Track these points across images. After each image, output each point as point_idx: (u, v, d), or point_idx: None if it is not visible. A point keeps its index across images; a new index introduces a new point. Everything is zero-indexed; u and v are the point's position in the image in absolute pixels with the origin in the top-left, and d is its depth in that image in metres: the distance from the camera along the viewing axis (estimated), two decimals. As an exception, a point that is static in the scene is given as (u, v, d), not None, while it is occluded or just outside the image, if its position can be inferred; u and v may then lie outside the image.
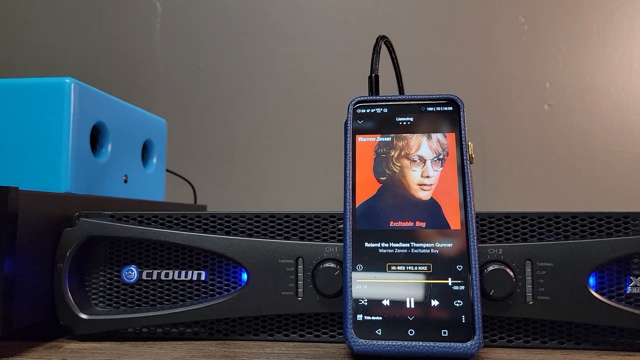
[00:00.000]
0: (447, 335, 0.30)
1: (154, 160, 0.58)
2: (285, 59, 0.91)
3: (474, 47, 0.90)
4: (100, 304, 0.37)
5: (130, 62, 0.93)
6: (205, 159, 0.91)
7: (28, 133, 0.41)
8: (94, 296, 0.37)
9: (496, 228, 0.35)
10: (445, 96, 0.35)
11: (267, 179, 0.90)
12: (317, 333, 0.36)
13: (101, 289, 0.37)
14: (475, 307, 0.30)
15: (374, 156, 0.34)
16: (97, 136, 0.47)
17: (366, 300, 0.32)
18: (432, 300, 0.31)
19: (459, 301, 0.31)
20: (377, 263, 0.32)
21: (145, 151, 0.57)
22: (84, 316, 0.35)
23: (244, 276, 0.36)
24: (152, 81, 0.92)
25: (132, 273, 0.37)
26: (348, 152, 0.35)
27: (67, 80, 0.42)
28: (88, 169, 0.44)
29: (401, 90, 0.47)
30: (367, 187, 0.34)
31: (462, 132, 0.34)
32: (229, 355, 0.33)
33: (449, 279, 0.31)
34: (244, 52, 0.92)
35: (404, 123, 0.35)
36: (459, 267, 0.32)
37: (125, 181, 0.52)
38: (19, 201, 0.33)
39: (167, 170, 0.68)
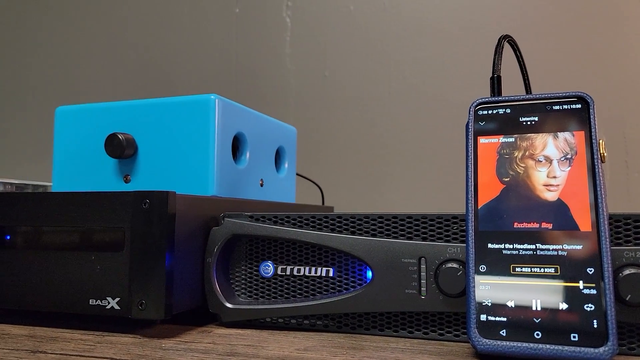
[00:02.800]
0: (576, 339, 0.30)
1: (286, 165, 0.63)
2: (409, 62, 0.92)
3: (609, 37, 0.83)
4: (242, 295, 0.42)
5: (263, 74, 1.00)
6: (333, 162, 0.95)
7: (181, 144, 0.48)
8: (237, 288, 0.42)
9: (633, 230, 0.33)
10: (573, 94, 0.34)
11: (392, 180, 0.92)
12: (441, 331, 0.37)
13: (243, 281, 0.42)
14: (609, 312, 0.29)
15: (497, 157, 0.34)
16: (237, 145, 0.52)
17: (490, 301, 0.32)
18: (560, 304, 0.31)
19: (590, 305, 0.30)
20: (500, 264, 0.32)
21: (278, 157, 0.62)
22: (229, 305, 0.40)
23: (369, 274, 0.38)
24: (282, 91, 0.99)
25: (268, 268, 0.41)
26: (469, 154, 0.35)
27: (212, 97, 0.47)
28: (230, 175, 0.50)
29: (528, 90, 0.46)
30: (489, 188, 0.34)
31: (592, 130, 0.33)
32: (356, 347, 0.35)
33: (580, 282, 0.31)
34: (367, 58, 0.94)
35: (528, 123, 0.35)
36: (590, 270, 0.30)
37: (261, 185, 0.57)
38: (176, 204, 0.38)
39: (298, 174, 0.72)
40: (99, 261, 0.38)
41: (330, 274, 0.39)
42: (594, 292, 0.30)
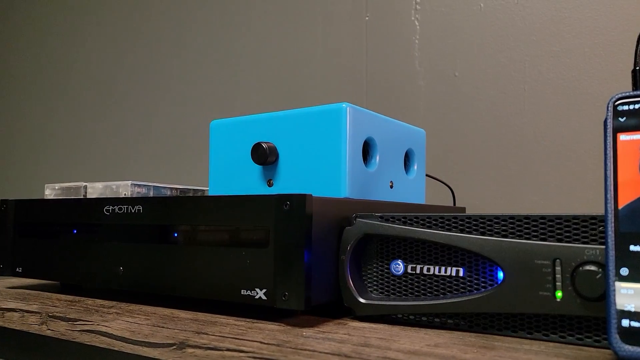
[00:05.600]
0: None
1: (415, 167, 0.64)
2: (545, 57, 0.88)
3: None
4: (375, 291, 0.44)
5: (392, 79, 1.02)
6: (465, 163, 0.94)
7: (316, 150, 0.52)
8: (369, 284, 0.44)
9: None
10: None
11: (527, 180, 0.88)
12: (579, 336, 0.35)
13: (374, 278, 0.44)
14: None
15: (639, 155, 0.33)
16: (367, 149, 0.55)
17: (633, 306, 0.30)
18: None
19: None
20: (645, 268, 0.31)
21: (407, 159, 0.63)
22: (362, 300, 0.43)
23: (500, 274, 0.38)
24: (411, 94, 1.00)
25: (399, 266, 0.43)
26: (608, 152, 0.34)
27: (344, 106, 0.50)
28: (361, 177, 0.52)
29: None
30: (631, 188, 0.32)
31: None
32: (488, 347, 0.35)
33: None
34: (499, 54, 0.92)
35: (677, 117, 0.32)
36: None
37: (391, 187, 0.58)
38: (313, 205, 0.41)
39: (427, 175, 0.73)
40: (249, 256, 0.43)
41: (460, 274, 0.40)
42: None
